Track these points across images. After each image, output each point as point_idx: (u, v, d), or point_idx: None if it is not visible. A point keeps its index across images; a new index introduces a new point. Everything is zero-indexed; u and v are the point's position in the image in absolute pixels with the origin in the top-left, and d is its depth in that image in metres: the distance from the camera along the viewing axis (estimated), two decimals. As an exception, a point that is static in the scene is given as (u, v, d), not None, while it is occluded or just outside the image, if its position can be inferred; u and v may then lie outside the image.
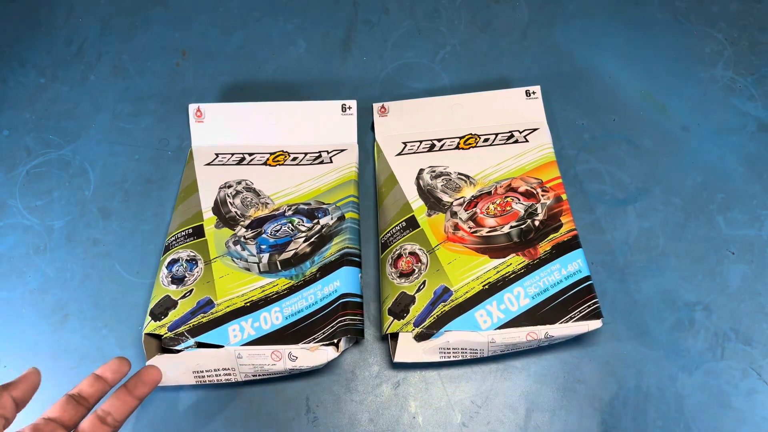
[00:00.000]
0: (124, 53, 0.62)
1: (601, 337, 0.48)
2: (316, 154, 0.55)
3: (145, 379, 0.40)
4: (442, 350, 0.45)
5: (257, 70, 0.61)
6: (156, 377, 0.41)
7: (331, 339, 0.44)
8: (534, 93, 0.56)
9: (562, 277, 0.46)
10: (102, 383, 0.38)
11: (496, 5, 0.64)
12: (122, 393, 0.39)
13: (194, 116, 0.56)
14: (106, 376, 0.39)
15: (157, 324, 0.45)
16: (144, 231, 0.54)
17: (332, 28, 0.63)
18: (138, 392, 0.39)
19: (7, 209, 0.55)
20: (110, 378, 0.39)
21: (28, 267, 0.52)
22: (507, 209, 0.49)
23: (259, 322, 0.45)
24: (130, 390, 0.39)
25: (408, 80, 0.60)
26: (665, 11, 0.63)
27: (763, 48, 0.60)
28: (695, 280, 0.50)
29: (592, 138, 0.57)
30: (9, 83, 0.61)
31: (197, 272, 0.48)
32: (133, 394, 0.39)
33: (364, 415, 0.46)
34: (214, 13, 0.64)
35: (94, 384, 0.38)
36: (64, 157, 0.57)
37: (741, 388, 0.46)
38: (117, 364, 0.39)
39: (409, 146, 0.55)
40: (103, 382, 0.38)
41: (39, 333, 0.50)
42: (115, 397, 0.38)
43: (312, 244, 0.49)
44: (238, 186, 0.53)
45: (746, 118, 0.57)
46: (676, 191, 0.54)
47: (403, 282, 0.47)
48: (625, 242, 0.52)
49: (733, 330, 0.48)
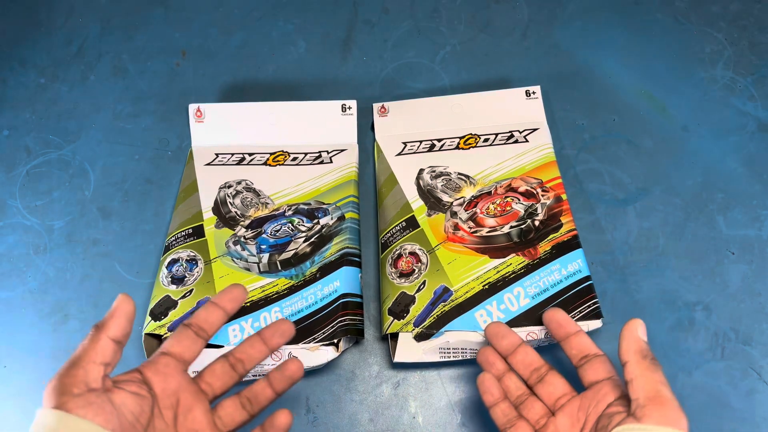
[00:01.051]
0: (124, 53, 0.62)
1: (601, 337, 0.48)
2: (316, 154, 0.55)
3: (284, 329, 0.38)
4: (442, 350, 0.45)
5: (257, 70, 0.61)
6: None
7: (331, 339, 0.44)
8: (534, 93, 0.56)
9: (562, 277, 0.46)
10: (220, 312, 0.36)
11: (496, 5, 0.64)
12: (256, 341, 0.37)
13: (194, 116, 0.56)
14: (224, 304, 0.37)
15: (157, 324, 0.45)
16: (144, 231, 0.54)
17: (332, 28, 0.63)
18: (273, 342, 0.37)
19: (7, 209, 0.55)
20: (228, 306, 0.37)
21: (28, 267, 0.52)
22: (507, 209, 0.49)
23: (259, 322, 0.45)
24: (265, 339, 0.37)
25: (408, 80, 0.60)
26: (665, 11, 0.63)
27: (763, 48, 0.60)
28: (695, 280, 0.50)
29: (592, 138, 0.57)
30: (9, 83, 0.61)
31: (197, 272, 0.48)
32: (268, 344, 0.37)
33: (364, 415, 0.46)
34: (214, 13, 0.64)
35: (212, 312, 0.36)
36: (64, 157, 0.57)
37: (741, 388, 0.46)
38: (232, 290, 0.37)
39: (409, 146, 0.55)
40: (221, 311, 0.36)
41: (39, 333, 0.50)
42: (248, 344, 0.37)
43: (312, 244, 0.49)
44: (238, 186, 0.53)
45: (746, 118, 0.57)
46: (676, 191, 0.54)
47: (403, 282, 0.47)
48: (625, 242, 0.52)
49: (733, 330, 0.48)
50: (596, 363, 0.37)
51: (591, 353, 0.37)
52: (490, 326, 0.41)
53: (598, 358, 0.37)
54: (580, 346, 0.38)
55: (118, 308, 0.33)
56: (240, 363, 0.37)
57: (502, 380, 0.39)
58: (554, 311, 0.40)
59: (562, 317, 0.39)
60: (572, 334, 0.38)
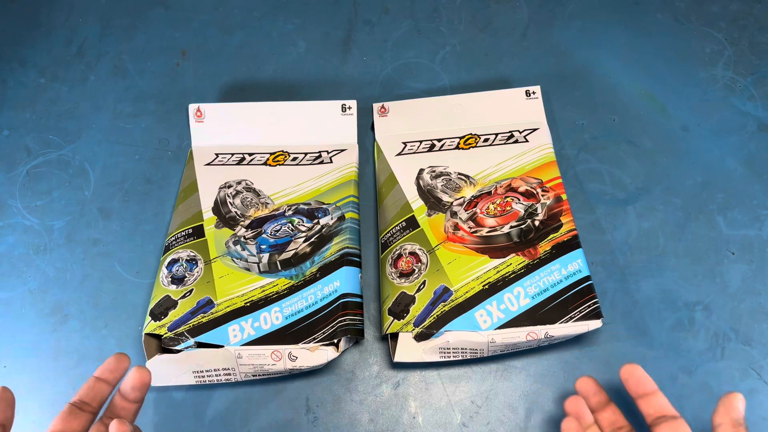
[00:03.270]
0: (124, 53, 0.62)
1: (601, 337, 0.48)
2: (316, 154, 0.55)
3: (135, 384, 0.38)
4: (442, 350, 0.45)
5: (257, 70, 0.61)
6: (145, 379, 0.38)
7: (331, 339, 0.44)
8: (534, 93, 0.56)
9: (562, 277, 0.46)
10: (103, 385, 0.38)
11: (496, 5, 0.64)
12: (119, 400, 0.38)
13: (194, 116, 0.56)
14: (106, 377, 0.38)
15: (157, 324, 0.45)
16: (144, 231, 0.54)
17: (332, 28, 0.63)
18: (132, 397, 0.38)
19: (7, 209, 0.55)
20: (110, 377, 0.38)
21: (28, 267, 0.52)
22: (507, 209, 0.49)
23: (259, 322, 0.45)
24: (125, 396, 0.38)
25: (408, 80, 0.60)
26: (665, 11, 0.63)
27: (763, 48, 0.60)
28: (695, 280, 0.50)
29: (592, 138, 0.57)
30: (9, 83, 0.61)
31: (197, 272, 0.48)
32: (129, 399, 0.38)
33: (364, 415, 0.46)
34: (214, 13, 0.64)
35: (94, 387, 0.37)
36: (64, 157, 0.57)
37: (741, 388, 0.46)
38: (114, 362, 0.38)
39: (409, 146, 0.55)
40: (103, 384, 0.38)
41: (39, 333, 0.50)
42: (114, 404, 0.38)
43: (312, 244, 0.49)
44: (238, 186, 0.53)
45: (746, 118, 0.57)
46: (676, 191, 0.54)
47: (403, 282, 0.47)
48: (625, 242, 0.52)
49: (733, 330, 0.48)
50: (673, 424, 0.37)
51: (668, 414, 0.37)
52: (582, 382, 0.41)
53: (675, 421, 0.37)
54: (657, 406, 0.38)
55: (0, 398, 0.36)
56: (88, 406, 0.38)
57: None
58: (633, 367, 0.39)
59: (640, 374, 0.39)
60: (650, 393, 0.38)
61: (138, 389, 0.38)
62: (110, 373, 0.38)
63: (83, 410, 0.37)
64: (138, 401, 0.39)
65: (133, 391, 0.38)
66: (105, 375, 0.38)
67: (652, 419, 0.38)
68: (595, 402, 0.40)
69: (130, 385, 0.38)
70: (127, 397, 0.38)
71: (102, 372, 0.38)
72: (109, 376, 0.38)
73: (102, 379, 0.38)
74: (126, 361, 0.39)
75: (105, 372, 0.38)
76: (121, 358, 0.39)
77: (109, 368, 0.38)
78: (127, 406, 0.38)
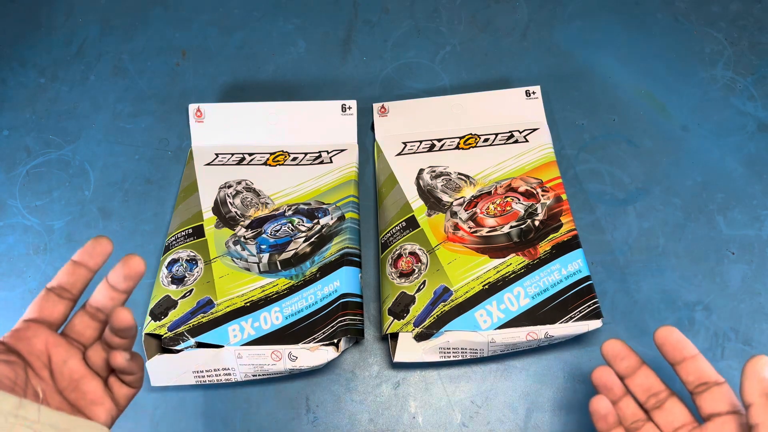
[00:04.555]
0: (124, 53, 0.62)
1: (601, 337, 0.48)
2: (316, 154, 0.55)
3: (128, 273, 0.34)
4: (442, 350, 0.45)
5: (257, 70, 0.61)
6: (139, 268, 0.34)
7: (331, 339, 0.44)
8: (534, 93, 0.56)
9: (562, 277, 0.46)
10: (83, 270, 0.34)
11: (496, 5, 0.64)
12: (106, 288, 0.34)
13: (194, 116, 0.56)
14: (86, 261, 0.34)
15: (157, 324, 0.45)
16: (144, 231, 0.54)
17: (332, 28, 0.63)
18: (122, 287, 0.34)
19: (7, 209, 0.55)
20: (91, 263, 0.34)
21: (28, 267, 0.52)
22: (507, 209, 0.49)
23: (259, 322, 0.45)
24: (113, 285, 0.34)
25: (408, 80, 0.60)
26: (665, 11, 0.63)
27: (763, 48, 0.60)
28: (695, 280, 0.50)
29: (592, 138, 0.57)
30: (9, 83, 0.61)
31: (197, 272, 0.48)
32: (118, 290, 0.34)
33: (364, 415, 0.46)
34: (214, 13, 0.64)
35: (73, 272, 0.33)
36: (64, 157, 0.57)
37: (741, 388, 0.46)
38: (92, 245, 0.34)
39: (409, 146, 0.55)
40: (83, 269, 0.34)
41: (39, 333, 0.50)
42: (99, 292, 0.34)
43: (312, 244, 0.49)
44: (238, 186, 0.53)
45: (746, 118, 0.57)
46: (676, 191, 0.54)
47: (403, 282, 0.47)
48: (625, 242, 0.52)
49: (733, 330, 0.48)
50: (717, 392, 0.33)
51: (711, 380, 0.34)
52: (609, 345, 0.37)
53: (719, 387, 0.34)
54: (698, 372, 0.34)
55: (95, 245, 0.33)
56: (99, 312, 0.34)
57: (618, 405, 0.37)
58: (668, 330, 0.35)
59: (676, 337, 0.35)
60: (688, 358, 0.35)
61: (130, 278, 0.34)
62: (90, 257, 0.34)
63: (62, 297, 0.33)
64: (126, 292, 0.34)
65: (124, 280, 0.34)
66: (84, 259, 0.34)
67: (693, 386, 0.34)
68: (625, 367, 0.37)
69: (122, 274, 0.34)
70: (117, 287, 0.34)
71: (81, 256, 0.34)
72: (89, 260, 0.34)
73: (81, 263, 0.34)
74: (108, 245, 0.34)
75: (84, 255, 0.34)
76: (102, 241, 0.34)
77: (88, 251, 0.34)
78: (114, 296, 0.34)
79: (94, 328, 0.35)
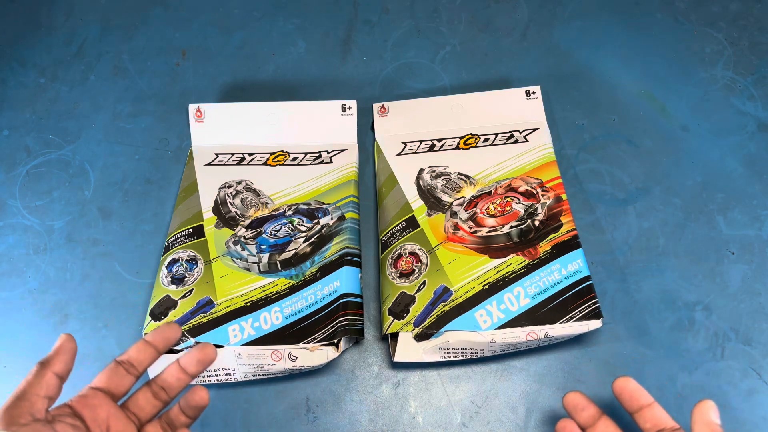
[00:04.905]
0: (124, 53, 0.62)
1: (601, 337, 0.48)
2: (316, 154, 0.55)
3: (201, 359, 0.37)
4: (442, 350, 0.45)
5: (257, 70, 0.61)
6: (212, 356, 0.37)
7: (331, 339, 0.44)
8: (534, 93, 0.56)
9: (562, 277, 0.46)
10: (152, 350, 0.36)
11: (496, 5, 0.64)
12: (176, 370, 0.37)
13: (194, 116, 0.56)
14: (157, 343, 0.37)
15: (157, 324, 0.45)
16: (144, 231, 0.54)
17: (332, 28, 0.63)
18: (192, 370, 0.37)
19: (7, 209, 0.55)
20: (161, 345, 0.37)
21: (28, 267, 0.52)
22: (507, 209, 0.49)
23: (259, 322, 0.45)
24: (184, 368, 0.37)
25: (408, 80, 0.60)
26: (665, 11, 0.63)
27: (763, 48, 0.60)
28: (695, 280, 0.50)
29: (592, 138, 0.57)
30: (9, 83, 0.61)
31: (197, 272, 0.48)
32: (187, 372, 0.37)
33: (364, 415, 0.46)
34: (214, 13, 0.64)
35: (144, 350, 0.36)
36: (64, 157, 0.57)
37: (741, 388, 0.46)
38: (165, 329, 0.37)
39: (409, 146, 0.55)
40: (153, 349, 0.37)
41: (39, 333, 0.50)
42: (168, 373, 0.37)
43: (312, 244, 0.49)
44: (238, 186, 0.53)
45: (746, 118, 0.57)
46: (676, 191, 0.54)
47: (403, 282, 0.47)
48: (625, 242, 0.52)
49: (733, 330, 0.48)
50: None
51: (667, 427, 0.36)
52: (569, 397, 0.39)
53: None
54: (654, 419, 0.36)
55: (62, 346, 0.35)
56: (162, 391, 0.37)
57: None
58: (625, 381, 0.38)
59: (633, 387, 0.37)
60: (645, 406, 0.37)
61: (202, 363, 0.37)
62: (162, 341, 0.37)
63: (129, 372, 0.36)
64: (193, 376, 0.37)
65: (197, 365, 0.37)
66: (156, 341, 0.37)
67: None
68: (586, 417, 0.38)
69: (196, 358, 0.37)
70: (187, 370, 0.37)
71: (154, 337, 0.37)
72: (160, 342, 0.37)
73: (152, 344, 0.37)
74: (178, 332, 0.38)
75: (157, 337, 0.37)
76: (173, 327, 0.37)
77: (162, 335, 0.37)
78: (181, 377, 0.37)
79: (153, 405, 0.37)
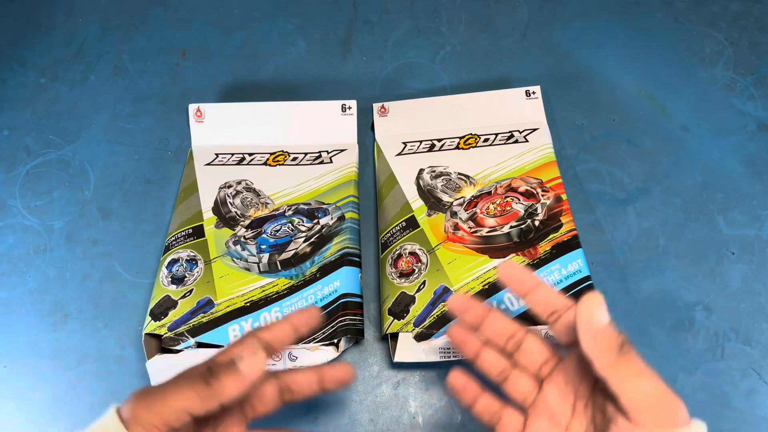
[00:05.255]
0: (124, 53, 0.62)
1: (601, 337, 0.48)
2: (316, 154, 0.55)
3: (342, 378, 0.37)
4: (442, 350, 0.45)
5: (257, 70, 0.61)
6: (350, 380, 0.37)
7: (331, 339, 0.44)
8: (534, 93, 0.56)
9: (562, 277, 0.46)
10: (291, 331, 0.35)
11: (496, 5, 0.64)
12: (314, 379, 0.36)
13: (194, 116, 0.56)
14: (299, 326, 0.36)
15: (157, 324, 0.45)
16: (144, 231, 0.54)
17: (332, 28, 0.63)
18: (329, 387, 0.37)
19: (7, 209, 0.55)
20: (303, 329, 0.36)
21: (28, 267, 0.52)
22: (507, 209, 0.49)
23: (259, 322, 0.45)
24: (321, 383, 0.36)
25: (408, 80, 0.60)
26: (665, 11, 0.63)
27: (763, 48, 0.60)
28: (695, 280, 0.50)
29: (592, 138, 0.57)
30: (9, 83, 0.61)
31: (197, 272, 0.48)
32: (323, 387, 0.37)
33: (364, 415, 0.46)
34: (214, 13, 0.64)
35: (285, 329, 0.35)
36: (64, 157, 0.57)
37: (741, 388, 0.46)
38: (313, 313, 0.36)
39: (409, 146, 0.55)
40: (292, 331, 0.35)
41: (39, 333, 0.50)
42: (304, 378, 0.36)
43: (312, 244, 0.49)
44: (238, 186, 0.53)
45: (746, 118, 0.57)
46: (676, 191, 0.54)
47: (403, 282, 0.47)
48: (625, 242, 0.52)
49: (733, 330, 0.48)
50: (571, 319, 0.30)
51: (560, 307, 0.31)
52: (452, 300, 0.35)
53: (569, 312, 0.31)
54: (546, 301, 0.32)
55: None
56: (288, 392, 0.36)
57: (479, 361, 0.35)
58: (506, 265, 0.33)
59: (516, 269, 0.33)
60: (533, 288, 0.32)
61: (339, 383, 0.37)
62: (304, 325, 0.35)
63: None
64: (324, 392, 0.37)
65: (333, 384, 0.36)
66: (299, 323, 0.35)
67: (545, 317, 0.32)
68: (473, 316, 0.35)
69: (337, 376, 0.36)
70: (322, 385, 0.36)
71: (297, 319, 0.35)
72: (301, 326, 0.35)
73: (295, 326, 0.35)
74: (318, 317, 0.37)
75: (300, 320, 0.35)
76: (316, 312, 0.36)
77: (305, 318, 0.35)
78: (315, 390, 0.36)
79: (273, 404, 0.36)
